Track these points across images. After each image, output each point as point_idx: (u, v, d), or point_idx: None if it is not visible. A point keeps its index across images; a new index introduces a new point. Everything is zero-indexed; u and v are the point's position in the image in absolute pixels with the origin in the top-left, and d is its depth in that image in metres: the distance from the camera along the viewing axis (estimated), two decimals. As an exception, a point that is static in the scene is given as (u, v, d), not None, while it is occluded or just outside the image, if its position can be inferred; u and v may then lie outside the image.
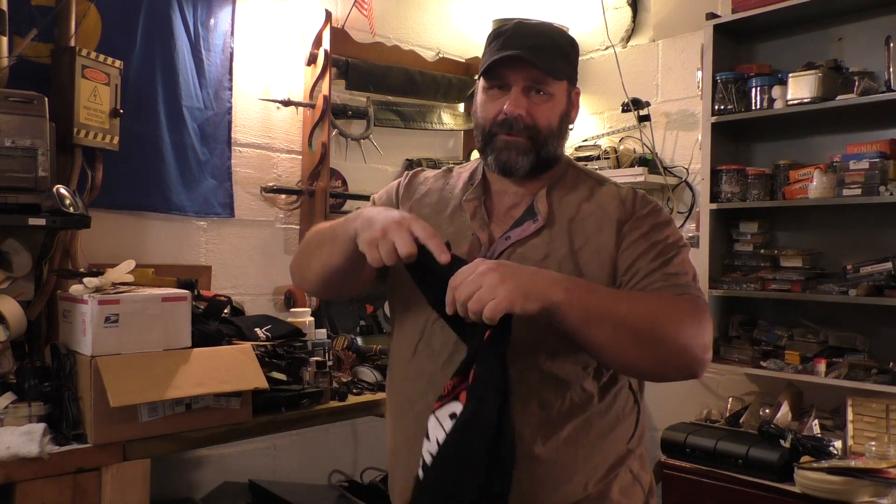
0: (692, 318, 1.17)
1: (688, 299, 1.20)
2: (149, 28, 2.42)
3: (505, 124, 1.27)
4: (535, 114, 1.27)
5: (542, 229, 1.27)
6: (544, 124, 1.28)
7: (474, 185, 1.36)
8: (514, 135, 1.27)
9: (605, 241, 1.26)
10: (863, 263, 2.43)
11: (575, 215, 1.29)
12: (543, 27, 1.31)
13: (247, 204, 2.74)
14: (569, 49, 1.32)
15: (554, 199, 1.31)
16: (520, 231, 1.28)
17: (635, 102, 3.14)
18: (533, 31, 1.29)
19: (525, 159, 1.28)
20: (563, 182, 1.34)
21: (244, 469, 2.63)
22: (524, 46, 1.24)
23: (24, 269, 1.99)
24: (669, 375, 1.20)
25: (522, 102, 1.26)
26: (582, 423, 1.23)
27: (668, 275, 1.22)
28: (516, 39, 1.25)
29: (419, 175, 1.46)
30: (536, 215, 1.29)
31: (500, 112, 1.27)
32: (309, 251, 1.36)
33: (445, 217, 1.35)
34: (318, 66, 2.83)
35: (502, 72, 1.26)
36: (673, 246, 1.25)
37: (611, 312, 1.11)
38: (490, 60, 1.25)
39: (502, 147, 1.28)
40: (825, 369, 2.44)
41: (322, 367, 2.24)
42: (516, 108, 1.26)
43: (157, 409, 1.83)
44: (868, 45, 2.55)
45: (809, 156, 2.70)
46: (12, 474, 1.64)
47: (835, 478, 2.14)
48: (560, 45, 1.30)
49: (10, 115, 1.85)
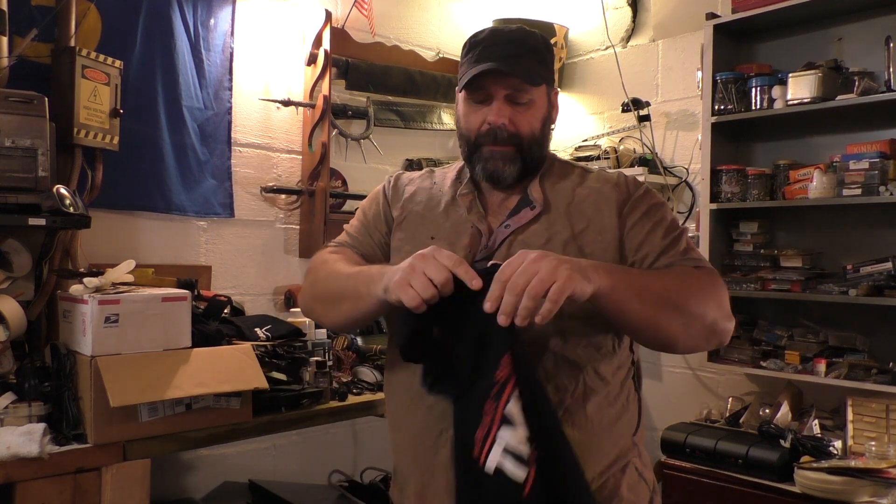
0: (716, 290, 1.24)
1: (707, 272, 1.26)
2: (149, 28, 2.42)
3: (489, 134, 1.29)
4: (518, 122, 1.29)
5: (540, 215, 1.29)
6: (527, 132, 1.30)
7: (464, 181, 1.38)
8: (500, 144, 1.29)
9: (607, 223, 1.28)
10: (863, 263, 2.43)
11: (571, 200, 1.31)
12: (518, 33, 1.32)
13: (247, 204, 2.74)
14: (545, 52, 1.34)
15: (547, 187, 1.33)
16: (518, 218, 1.30)
17: (635, 102, 3.14)
18: (507, 38, 1.30)
19: (511, 167, 1.30)
20: (551, 171, 1.37)
21: (244, 469, 2.63)
22: (502, 56, 1.26)
23: (24, 269, 1.99)
24: (702, 346, 1.27)
25: (505, 111, 1.28)
26: (595, 407, 1.25)
27: (681, 251, 1.27)
28: (493, 49, 1.27)
29: (402, 177, 1.47)
30: (532, 202, 1.31)
31: (483, 122, 1.30)
32: (327, 300, 1.36)
33: (440, 213, 1.36)
34: (318, 66, 2.83)
35: (483, 83, 1.28)
36: (675, 225, 1.32)
37: (649, 290, 1.15)
38: (470, 74, 1.27)
39: (489, 157, 1.30)
40: (825, 369, 2.44)
41: (322, 367, 2.24)
42: (500, 118, 1.28)
43: (157, 409, 1.83)
44: (868, 45, 2.55)
45: (809, 156, 2.70)
46: (12, 474, 1.64)
47: (835, 478, 2.14)
48: (536, 49, 1.31)
49: (10, 115, 1.85)
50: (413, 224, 1.38)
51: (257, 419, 2.01)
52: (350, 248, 1.43)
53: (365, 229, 1.44)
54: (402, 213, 1.40)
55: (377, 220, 1.43)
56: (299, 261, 2.89)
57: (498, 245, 1.28)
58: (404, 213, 1.40)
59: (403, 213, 1.40)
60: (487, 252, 1.28)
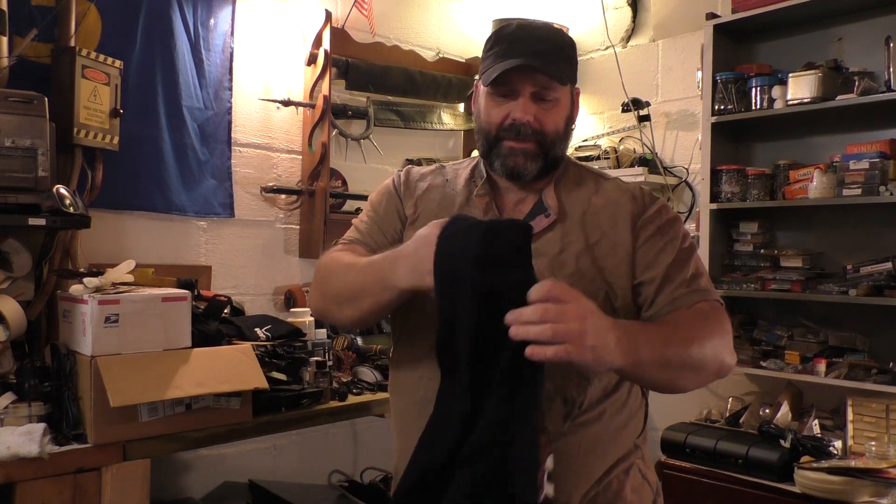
0: (721, 331, 1.22)
1: (713, 309, 1.24)
2: (149, 28, 2.42)
3: (512, 129, 1.27)
4: (544, 120, 1.27)
5: (554, 224, 1.28)
6: (552, 129, 1.28)
7: (479, 182, 1.35)
8: (522, 141, 1.27)
9: (621, 237, 1.27)
10: (863, 263, 2.43)
11: (587, 209, 1.30)
12: (545, 30, 1.31)
13: (247, 204, 2.74)
14: (570, 51, 1.32)
15: (562, 194, 1.31)
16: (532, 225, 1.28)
17: (635, 102, 3.14)
18: (536, 35, 1.28)
19: (533, 164, 1.28)
20: (566, 177, 1.34)
21: (244, 469, 2.63)
22: (529, 52, 1.24)
23: (24, 269, 1.99)
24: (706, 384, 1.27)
25: (531, 109, 1.26)
26: (604, 415, 1.24)
27: (689, 280, 1.25)
28: (520, 45, 1.25)
29: (413, 171, 1.44)
30: (547, 210, 1.29)
31: (506, 117, 1.27)
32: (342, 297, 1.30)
33: (454, 213, 1.34)
34: (318, 66, 2.83)
35: (509, 77, 1.25)
36: (687, 246, 1.29)
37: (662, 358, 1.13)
38: (498, 69, 1.24)
39: (508, 153, 1.28)
40: (825, 369, 2.44)
41: (322, 367, 2.24)
42: (526, 115, 1.26)
43: (157, 409, 1.83)
44: (868, 45, 2.55)
45: (809, 156, 2.70)
46: (12, 474, 1.64)
47: (835, 478, 2.14)
48: (563, 48, 1.29)
49: (10, 115, 1.85)
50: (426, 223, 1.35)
51: (257, 419, 2.01)
52: (362, 245, 1.37)
53: (377, 225, 1.39)
54: (416, 212, 1.36)
55: (390, 215, 1.39)
56: (299, 261, 2.89)
57: None
58: (417, 211, 1.36)
59: (417, 212, 1.36)
60: None
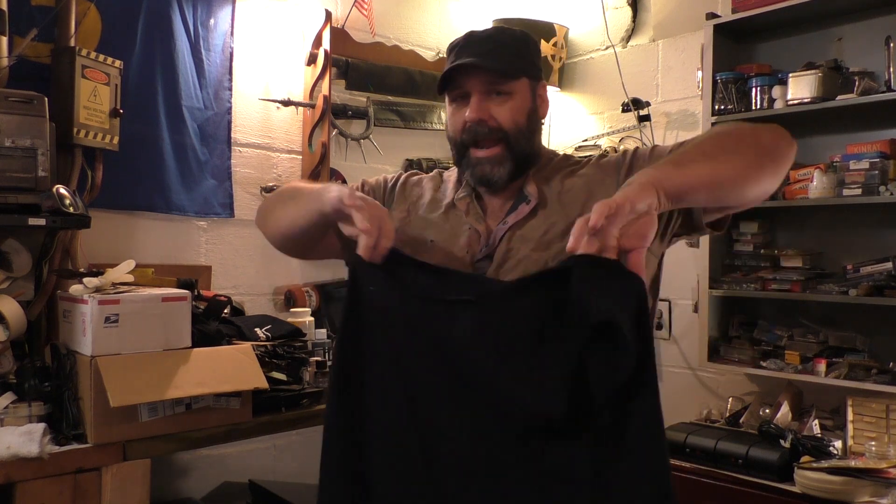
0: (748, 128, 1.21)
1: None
2: (149, 28, 2.42)
3: (471, 132, 1.29)
4: (499, 115, 1.28)
5: (536, 209, 1.29)
6: (510, 124, 1.29)
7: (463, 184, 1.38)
8: (487, 147, 1.28)
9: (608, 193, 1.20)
10: (863, 263, 2.43)
11: (561, 189, 1.30)
12: (493, 31, 1.34)
13: (247, 204, 2.74)
14: (521, 46, 1.33)
15: (540, 182, 1.33)
16: (515, 215, 1.29)
17: (635, 102, 3.14)
18: (481, 37, 1.31)
19: (502, 169, 1.29)
20: (549, 167, 1.36)
21: (244, 469, 2.63)
22: (475, 54, 1.27)
23: (24, 269, 1.99)
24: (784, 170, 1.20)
25: (483, 107, 1.28)
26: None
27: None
28: (468, 49, 1.28)
29: (412, 177, 1.46)
30: (528, 198, 1.30)
31: (465, 122, 1.29)
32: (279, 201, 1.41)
33: (439, 215, 1.36)
34: (318, 66, 2.83)
35: (459, 82, 1.29)
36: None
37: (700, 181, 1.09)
38: (443, 73, 1.28)
39: (476, 163, 1.30)
40: (825, 369, 2.44)
41: (322, 367, 2.24)
42: (478, 114, 1.27)
43: (157, 409, 1.83)
44: (868, 45, 2.54)
45: (809, 156, 2.69)
46: (12, 474, 1.64)
47: (835, 478, 2.13)
48: (510, 44, 1.31)
49: (10, 115, 1.85)
50: (415, 226, 1.37)
51: (257, 419, 2.02)
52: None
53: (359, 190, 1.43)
54: (408, 216, 1.39)
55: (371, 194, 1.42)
56: (299, 261, 2.89)
57: (498, 241, 1.28)
58: (410, 215, 1.39)
59: (409, 216, 1.39)
60: (488, 251, 1.28)
